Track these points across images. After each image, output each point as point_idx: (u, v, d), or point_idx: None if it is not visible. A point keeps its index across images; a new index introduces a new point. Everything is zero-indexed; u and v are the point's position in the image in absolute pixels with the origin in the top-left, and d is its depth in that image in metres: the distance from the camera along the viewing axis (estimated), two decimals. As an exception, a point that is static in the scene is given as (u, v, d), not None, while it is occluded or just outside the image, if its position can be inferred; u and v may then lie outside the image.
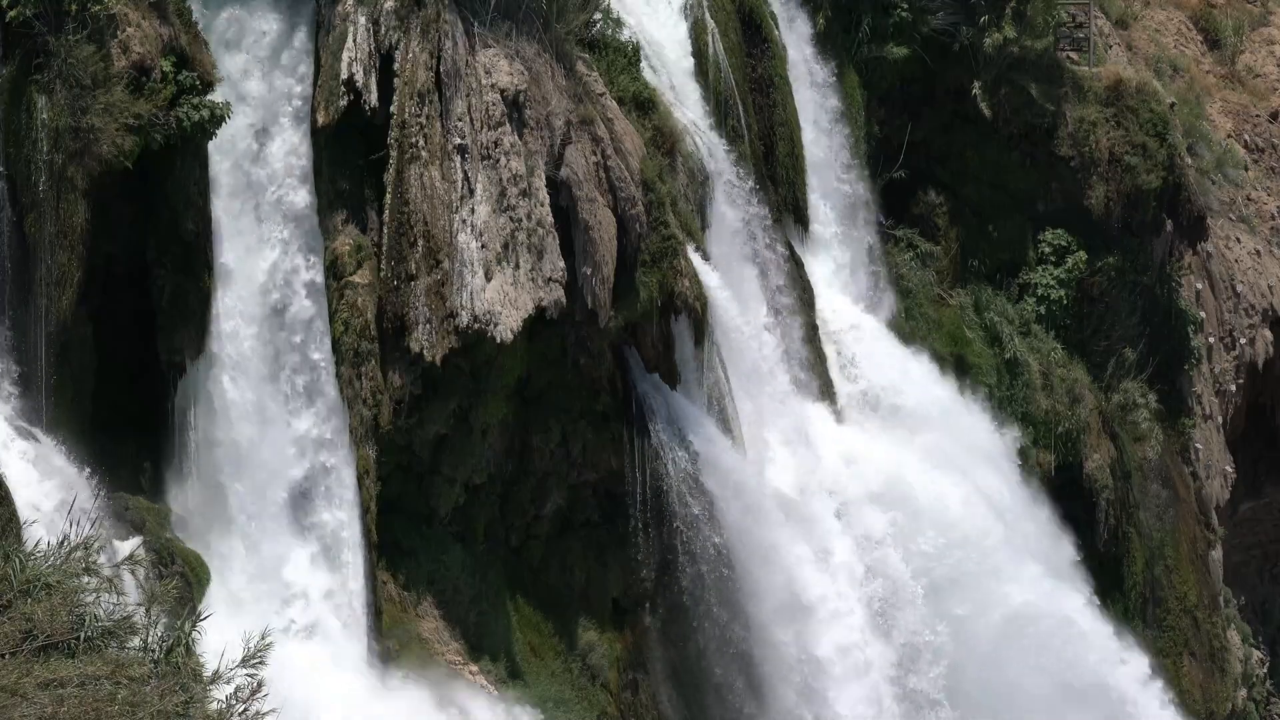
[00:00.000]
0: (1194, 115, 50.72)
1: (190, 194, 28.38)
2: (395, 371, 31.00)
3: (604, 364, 33.68)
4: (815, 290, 39.15)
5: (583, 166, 32.28)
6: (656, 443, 33.85)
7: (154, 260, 28.49)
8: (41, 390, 27.10)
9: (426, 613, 31.92)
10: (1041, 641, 38.96)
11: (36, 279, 27.12)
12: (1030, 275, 44.58)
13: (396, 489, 31.74)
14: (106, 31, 27.34)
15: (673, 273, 33.59)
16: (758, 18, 39.51)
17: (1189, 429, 47.47)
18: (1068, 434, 43.49)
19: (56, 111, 26.94)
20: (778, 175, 39.51)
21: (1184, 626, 45.69)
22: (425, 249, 30.82)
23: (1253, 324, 50.80)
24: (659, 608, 34.52)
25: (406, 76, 30.97)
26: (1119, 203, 45.09)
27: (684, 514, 33.96)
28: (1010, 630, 38.52)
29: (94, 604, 14.56)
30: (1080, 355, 44.83)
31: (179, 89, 27.86)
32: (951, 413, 41.20)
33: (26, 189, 27.13)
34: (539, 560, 33.72)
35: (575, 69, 33.19)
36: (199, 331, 28.74)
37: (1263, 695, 50.54)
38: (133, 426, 28.73)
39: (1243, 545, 52.41)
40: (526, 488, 33.46)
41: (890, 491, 37.94)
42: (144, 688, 13.46)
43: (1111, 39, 50.32)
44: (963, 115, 44.56)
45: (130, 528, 27.51)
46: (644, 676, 34.39)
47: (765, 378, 36.87)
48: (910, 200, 44.04)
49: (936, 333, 42.74)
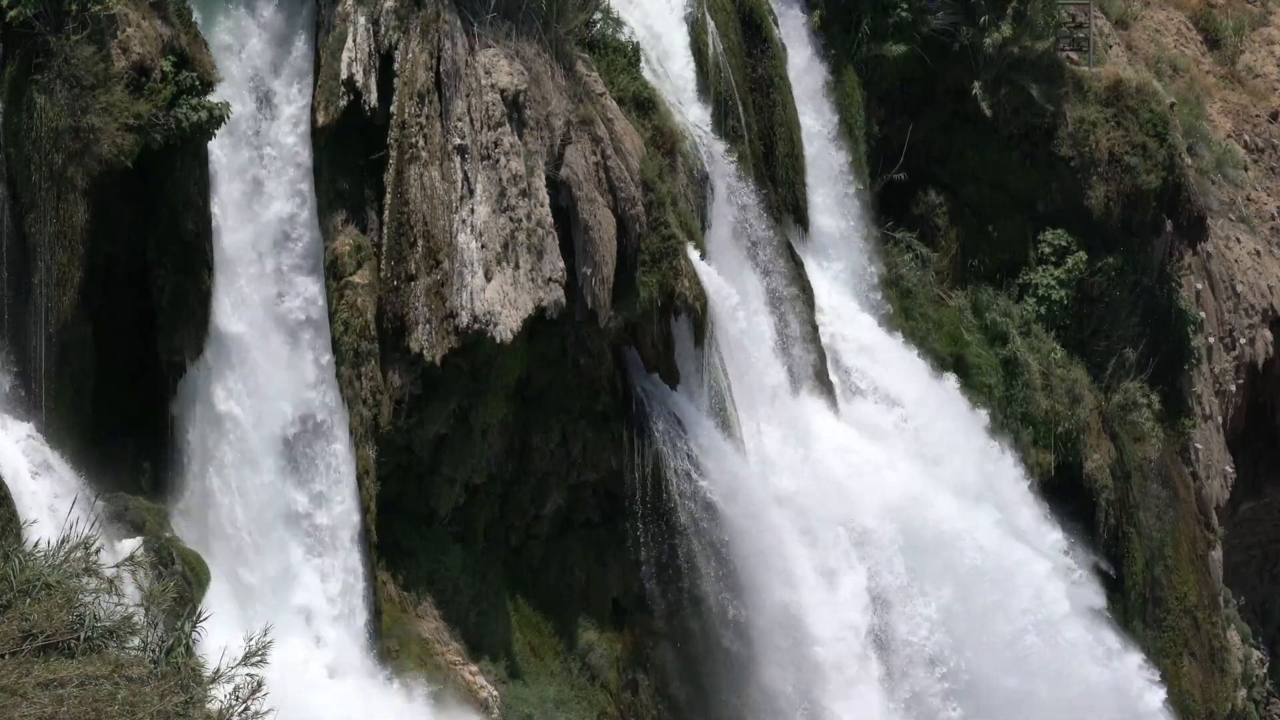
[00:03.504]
0: (1194, 115, 50.72)
1: (190, 194, 28.38)
2: (395, 371, 31.00)
3: (604, 364, 33.68)
4: (815, 290, 39.13)
5: (583, 166, 32.28)
6: (656, 443, 33.85)
7: (154, 260, 28.49)
8: (41, 390, 27.09)
9: (426, 613, 31.92)
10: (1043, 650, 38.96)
11: (36, 279, 27.12)
12: (1030, 275, 44.57)
13: (396, 489, 31.74)
14: (106, 31, 27.34)
15: (673, 273, 33.59)
16: (758, 18, 39.51)
17: (1189, 429, 47.47)
18: (1068, 434, 43.49)
19: (56, 111, 26.94)
20: (778, 175, 39.50)
21: (1184, 626, 45.68)
22: (425, 249, 30.82)
23: (1253, 324, 50.80)
24: (659, 608, 34.52)
25: (406, 76, 30.96)
26: (1119, 203, 45.08)
27: (684, 514, 33.96)
28: (1014, 634, 38.54)
29: (94, 604, 14.56)
30: (1080, 355, 44.82)
31: (179, 89, 27.87)
32: (951, 413, 41.18)
33: (26, 189, 27.13)
34: (539, 560, 33.73)
35: (575, 69, 33.19)
36: (199, 331, 28.74)
37: (1263, 695, 50.54)
38: (132, 427, 28.73)
39: (1243, 545, 52.41)
40: (526, 488, 33.46)
41: (890, 491, 37.93)
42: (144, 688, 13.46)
43: (1111, 39, 50.31)
44: (963, 115, 44.54)
45: (130, 528, 27.51)
46: (644, 676, 34.40)
47: (765, 377, 36.87)
48: (910, 200, 44.03)
49: (936, 333, 42.73)
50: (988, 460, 41.27)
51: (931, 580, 37.51)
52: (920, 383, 40.81)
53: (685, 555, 34.09)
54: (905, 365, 40.90)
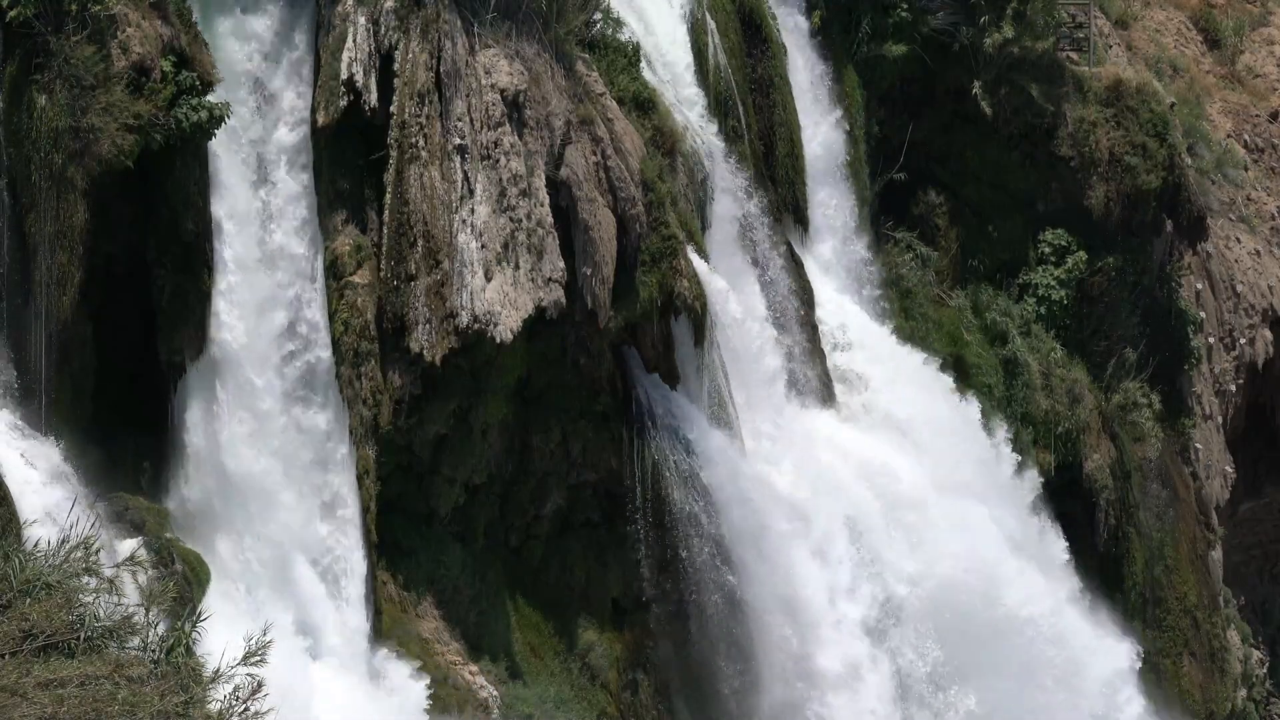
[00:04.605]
0: (1194, 115, 50.70)
1: (190, 194, 28.37)
2: (395, 371, 31.00)
3: (604, 364, 33.68)
4: (815, 290, 39.13)
5: (583, 166, 32.29)
6: (656, 443, 33.85)
7: (154, 260, 28.48)
8: (41, 390, 27.09)
9: (426, 613, 31.92)
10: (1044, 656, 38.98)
11: (36, 279, 27.11)
12: (1030, 275, 44.57)
13: (396, 489, 31.74)
14: (106, 31, 27.33)
15: (673, 273, 33.59)
16: (758, 18, 39.50)
17: (1189, 429, 47.46)
18: (1068, 434, 43.48)
19: (56, 111, 26.93)
20: (778, 175, 39.50)
21: (1184, 626, 45.67)
22: (425, 249, 30.82)
23: (1253, 324, 50.79)
24: (659, 608, 34.52)
25: (406, 76, 30.96)
26: (1119, 203, 45.08)
27: (684, 514, 33.96)
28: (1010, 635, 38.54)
29: (94, 604, 14.56)
30: (1080, 355, 44.81)
31: (179, 89, 27.86)
32: (951, 413, 41.17)
33: (26, 189, 27.12)
34: (539, 560, 33.73)
35: (575, 69, 33.19)
36: (199, 331, 28.74)
37: (1262, 695, 50.53)
38: (132, 427, 28.72)
39: (1243, 545, 52.39)
40: (526, 488, 33.47)
41: (889, 491, 37.93)
42: (144, 688, 13.46)
43: (1111, 39, 50.29)
44: (963, 115, 44.53)
45: (130, 528, 27.51)
46: (644, 676, 34.40)
47: (765, 377, 36.86)
48: (910, 200, 44.03)
49: (936, 333, 42.72)
50: (987, 461, 41.25)
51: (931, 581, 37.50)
52: (921, 382, 40.80)
53: (685, 555, 34.09)
54: (905, 365, 40.89)
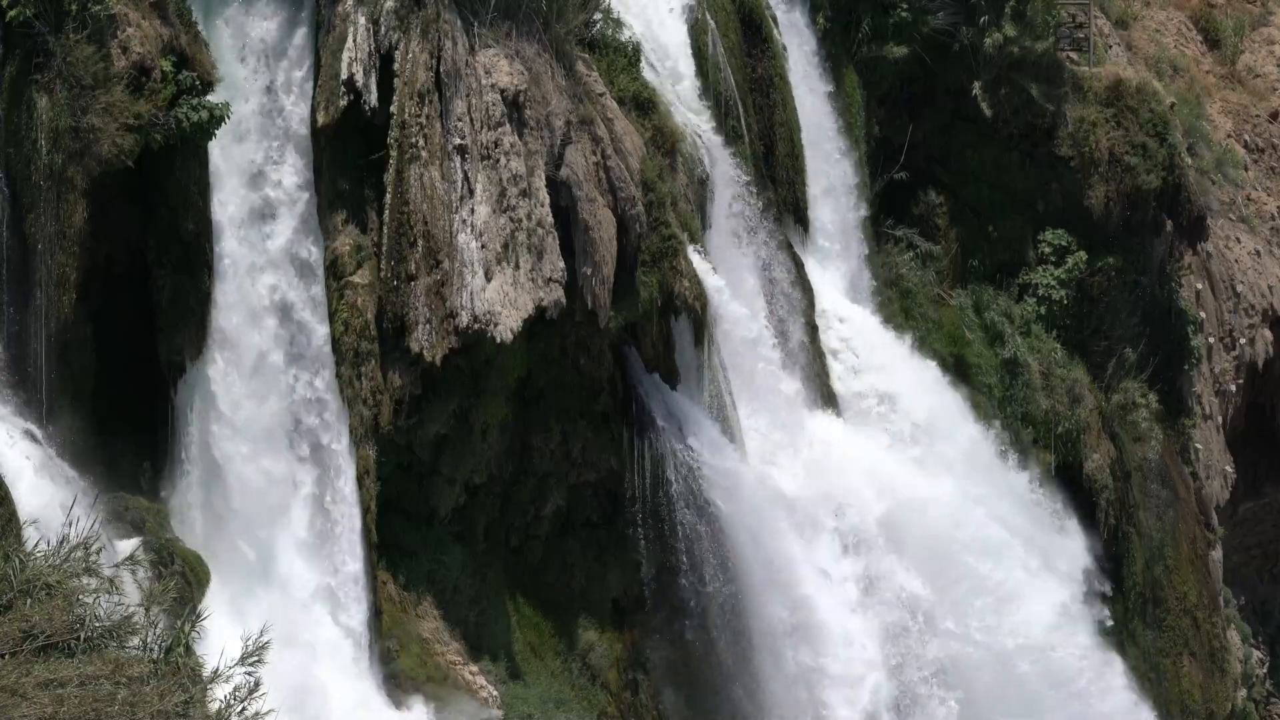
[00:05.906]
0: (1194, 115, 50.71)
1: (190, 194, 28.38)
2: (395, 371, 30.99)
3: (604, 364, 33.68)
4: (815, 290, 39.14)
5: (583, 166, 32.28)
6: (656, 443, 33.85)
7: (154, 260, 28.49)
8: (41, 390, 27.09)
9: (426, 613, 31.91)
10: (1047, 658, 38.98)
11: (36, 279, 27.11)
12: (1030, 275, 44.58)
13: (396, 489, 31.74)
14: (106, 31, 27.33)
15: (673, 273, 33.60)
16: (758, 18, 39.50)
17: (1189, 429, 47.47)
18: (1068, 434, 43.49)
19: (56, 111, 26.93)
20: (778, 175, 39.50)
21: (1184, 626, 45.67)
22: (425, 249, 30.82)
23: (1253, 324, 50.80)
24: (659, 608, 34.52)
25: (406, 76, 30.95)
26: (1119, 203, 45.09)
27: (684, 514, 33.96)
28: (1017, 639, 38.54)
29: (94, 604, 14.55)
30: (1080, 355, 44.82)
31: (179, 89, 27.87)
32: (951, 413, 41.18)
33: (26, 189, 27.12)
34: (539, 560, 33.72)
35: (575, 69, 33.18)
36: (199, 331, 28.74)
37: (1262, 695, 50.55)
38: (132, 427, 28.72)
39: (1243, 545, 52.41)
40: (526, 488, 33.46)
41: (889, 491, 37.92)
42: (144, 687, 13.46)
43: (1111, 39, 50.30)
44: (963, 115, 44.55)
45: (130, 528, 27.51)
46: (644, 676, 34.40)
47: (765, 377, 36.86)
48: (910, 200, 44.04)
49: (936, 333, 42.73)
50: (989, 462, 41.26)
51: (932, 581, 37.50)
52: (921, 383, 40.80)
53: (685, 555, 34.09)
54: (905, 365, 40.90)
